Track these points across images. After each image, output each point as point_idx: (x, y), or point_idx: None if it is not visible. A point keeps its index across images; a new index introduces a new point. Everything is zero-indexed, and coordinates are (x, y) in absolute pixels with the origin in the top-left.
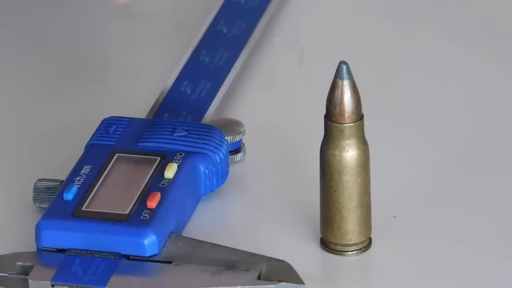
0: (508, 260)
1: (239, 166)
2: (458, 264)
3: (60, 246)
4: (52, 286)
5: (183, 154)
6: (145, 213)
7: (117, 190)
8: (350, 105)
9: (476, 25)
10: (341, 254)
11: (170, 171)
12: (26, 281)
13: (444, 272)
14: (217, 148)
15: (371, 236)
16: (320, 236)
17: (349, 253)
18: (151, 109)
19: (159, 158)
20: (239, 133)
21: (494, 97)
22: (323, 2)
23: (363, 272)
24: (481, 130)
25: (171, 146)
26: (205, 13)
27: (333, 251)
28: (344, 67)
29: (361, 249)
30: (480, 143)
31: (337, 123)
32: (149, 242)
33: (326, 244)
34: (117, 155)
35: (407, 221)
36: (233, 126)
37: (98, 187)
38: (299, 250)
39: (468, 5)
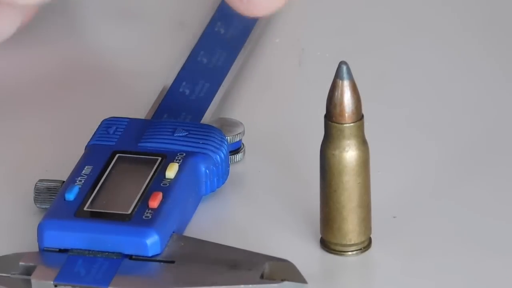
0: (508, 260)
1: (239, 166)
2: (458, 264)
3: (63, 246)
4: (55, 286)
5: (184, 154)
6: (147, 213)
7: (118, 190)
8: (350, 105)
9: (475, 25)
10: (341, 254)
11: (171, 171)
12: (29, 281)
13: (444, 272)
14: (217, 148)
15: (371, 236)
16: (320, 236)
17: (349, 253)
18: (150, 110)
19: (160, 158)
20: (238, 133)
21: (493, 97)
22: (322, 2)
23: (363, 272)
24: (480, 130)
25: (172, 146)
26: (203, 14)
27: (333, 251)
28: (344, 67)
29: (361, 249)
30: (479, 143)
31: (337, 123)
32: (152, 242)
33: (326, 244)
34: (118, 155)
35: (407, 221)
36: (233, 126)
37: (99, 187)
38: (299, 250)
39: (467, 5)
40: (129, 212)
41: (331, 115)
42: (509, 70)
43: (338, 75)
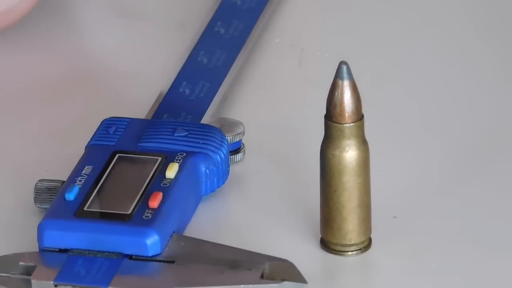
0: (508, 260)
1: (239, 166)
2: (458, 264)
3: (63, 246)
4: (55, 286)
5: (184, 154)
6: (147, 213)
7: (119, 190)
8: (350, 105)
9: (476, 25)
10: (341, 254)
11: (171, 171)
12: (29, 281)
13: (444, 272)
14: (217, 148)
15: (371, 236)
16: (320, 236)
17: (349, 253)
18: (150, 110)
19: (160, 158)
20: (238, 133)
21: (494, 97)
22: (321, 2)
23: (363, 272)
24: (481, 130)
25: (172, 146)
26: (202, 14)
27: (333, 251)
28: (344, 67)
29: (361, 249)
30: (480, 142)
31: (337, 123)
32: (152, 242)
33: (326, 244)
34: (118, 155)
35: (407, 221)
36: (233, 126)
37: (99, 187)
38: (299, 250)
39: (466, 6)
40: (129, 212)
41: (331, 115)
42: (510, 70)
43: (338, 75)
